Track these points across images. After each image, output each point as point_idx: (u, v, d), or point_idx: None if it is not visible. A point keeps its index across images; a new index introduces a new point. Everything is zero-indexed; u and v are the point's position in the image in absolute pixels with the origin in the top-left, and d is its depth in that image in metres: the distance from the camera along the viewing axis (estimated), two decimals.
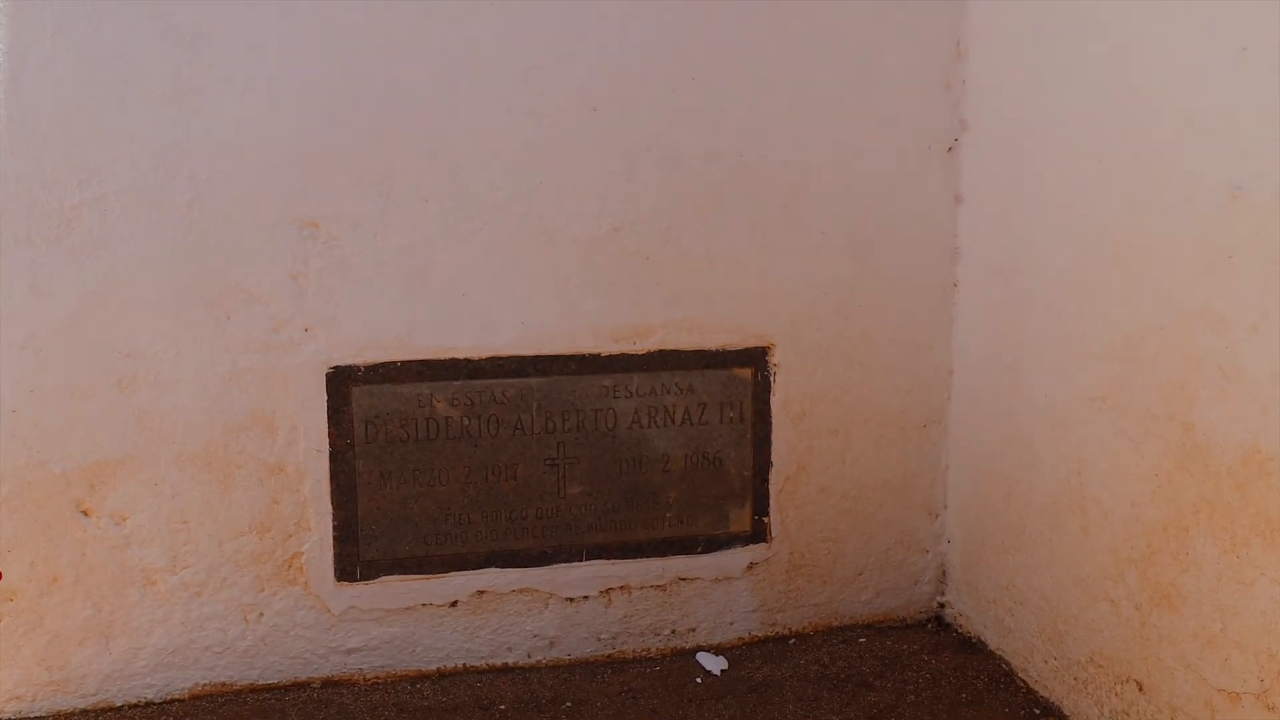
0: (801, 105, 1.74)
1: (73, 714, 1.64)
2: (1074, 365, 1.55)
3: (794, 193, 1.76)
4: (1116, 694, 1.50)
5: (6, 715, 1.62)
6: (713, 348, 1.77)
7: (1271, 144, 1.19)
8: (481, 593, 1.76)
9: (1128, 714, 1.47)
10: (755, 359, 1.79)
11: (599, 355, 1.73)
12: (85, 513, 1.61)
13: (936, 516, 1.92)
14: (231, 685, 1.70)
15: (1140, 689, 1.45)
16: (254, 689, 1.71)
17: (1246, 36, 1.22)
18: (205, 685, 1.69)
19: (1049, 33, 1.58)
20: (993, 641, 1.82)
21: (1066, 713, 1.61)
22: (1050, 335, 1.61)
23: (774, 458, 1.82)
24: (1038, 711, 1.64)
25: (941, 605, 1.96)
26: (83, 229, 1.54)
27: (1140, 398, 1.42)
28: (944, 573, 1.95)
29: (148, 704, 1.67)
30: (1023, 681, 1.72)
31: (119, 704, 1.67)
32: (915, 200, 1.81)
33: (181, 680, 1.68)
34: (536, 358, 1.71)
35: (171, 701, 1.68)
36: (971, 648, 1.85)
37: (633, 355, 1.75)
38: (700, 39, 1.68)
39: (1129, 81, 1.42)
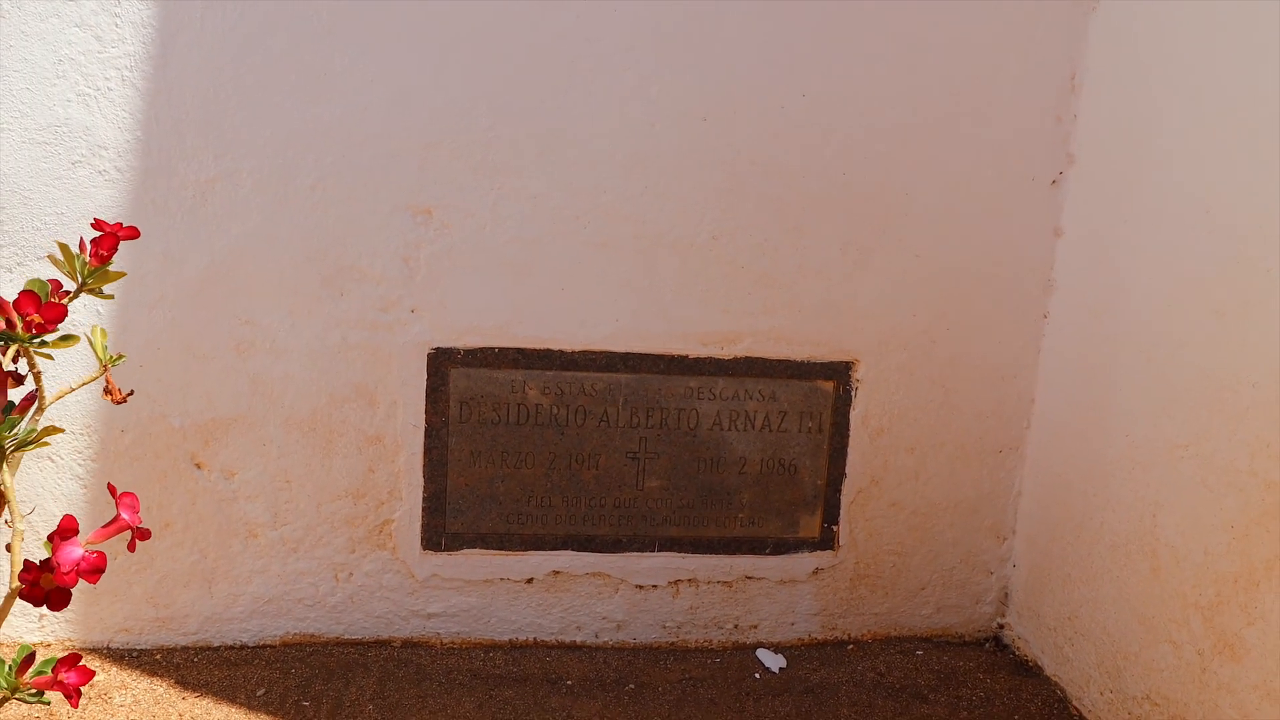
0: (908, 128, 1.76)
1: (174, 650, 1.77)
2: (1160, 409, 1.57)
3: (892, 214, 1.79)
4: None
5: (115, 645, 1.75)
6: (798, 359, 1.82)
7: None
8: (557, 573, 1.84)
9: None
10: (838, 373, 1.83)
11: (687, 357, 1.79)
12: (198, 465, 1.72)
13: (1004, 540, 1.95)
14: (319, 637, 1.81)
15: None
16: (339, 642, 1.82)
17: None
18: (295, 634, 1.80)
19: (1165, 75, 1.58)
20: (1050, 668, 1.85)
21: None
22: (1138, 377, 1.62)
23: (848, 469, 1.87)
24: None
25: (1001, 626, 1.99)
26: (215, 201, 1.64)
27: (1224, 449, 1.43)
28: (1006, 595, 1.97)
29: (242, 646, 1.80)
30: (1076, 710, 1.75)
31: (216, 644, 1.79)
32: (1014, 230, 1.82)
33: (274, 628, 1.79)
34: (627, 355, 1.78)
35: (264, 647, 1.80)
36: (1028, 671, 1.88)
37: (720, 359, 1.80)
38: (812, 58, 1.71)
39: (1237, 135, 1.42)
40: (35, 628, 1.73)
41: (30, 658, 1.04)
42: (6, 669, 1.03)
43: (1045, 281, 1.85)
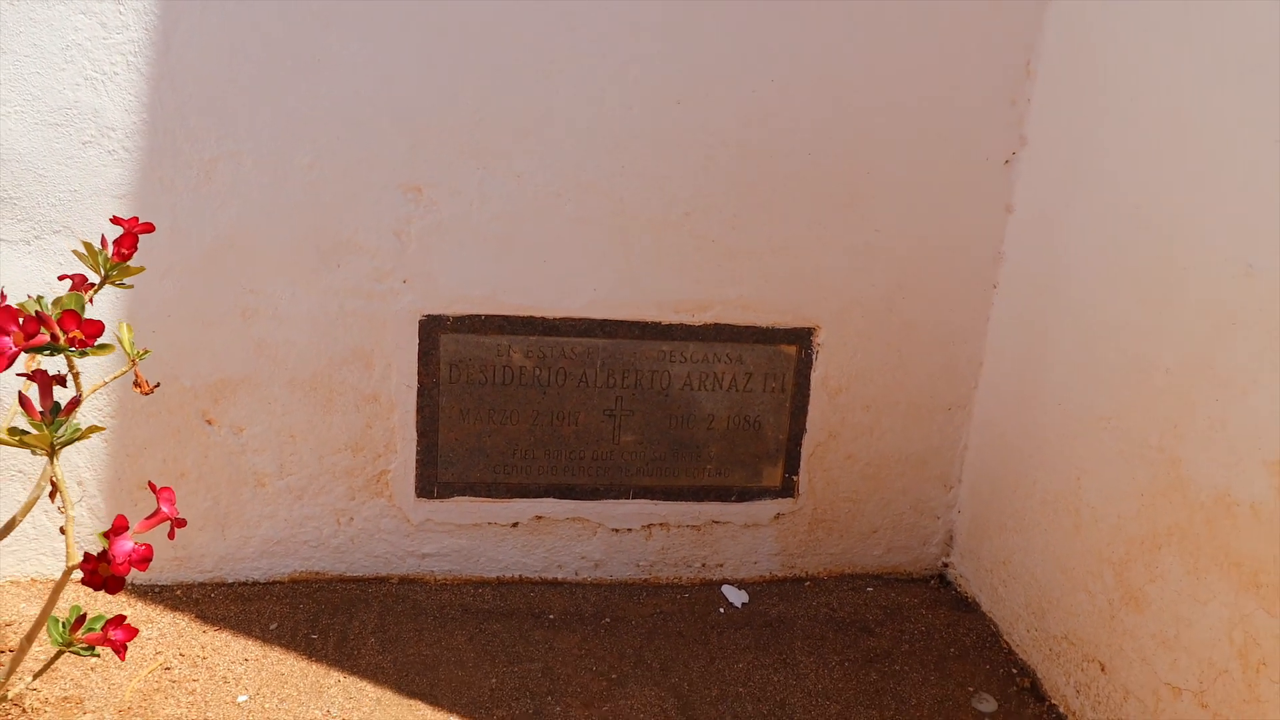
0: (871, 111, 1.86)
1: (193, 585, 1.94)
2: (1088, 383, 1.72)
3: (855, 192, 1.90)
4: (1082, 670, 1.72)
5: (139, 582, 1.92)
6: (763, 325, 1.96)
7: (1279, 227, 1.32)
8: (539, 518, 2.02)
9: (1089, 688, 1.70)
10: (801, 338, 1.97)
11: (660, 324, 1.93)
12: (209, 422, 1.87)
13: (951, 489, 2.13)
14: (323, 574, 1.99)
15: (1102, 669, 1.67)
16: (342, 579, 2.00)
17: (1276, 130, 1.33)
18: (302, 572, 1.98)
19: (1110, 70, 1.68)
20: (985, 604, 2.05)
21: (1040, 677, 1.84)
22: (1073, 349, 1.77)
23: (808, 425, 2.03)
24: (1015, 672, 1.88)
25: (945, 565, 2.18)
26: (219, 179, 1.74)
27: (1139, 425, 1.59)
28: (951, 538, 2.16)
29: (254, 583, 1.98)
30: (1006, 644, 1.95)
31: (230, 581, 1.97)
32: (968, 206, 1.94)
33: (282, 566, 1.97)
34: (604, 321, 1.91)
35: (273, 583, 1.98)
36: (966, 606, 2.08)
37: (691, 326, 1.94)
38: (781, 45, 1.80)
39: (1166, 138, 1.53)
40: (64, 566, 1.90)
41: (82, 618, 1.20)
42: (61, 626, 1.19)
43: (996, 254, 1.98)
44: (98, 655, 1.29)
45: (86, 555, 1.04)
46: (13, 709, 1.61)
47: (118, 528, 1.04)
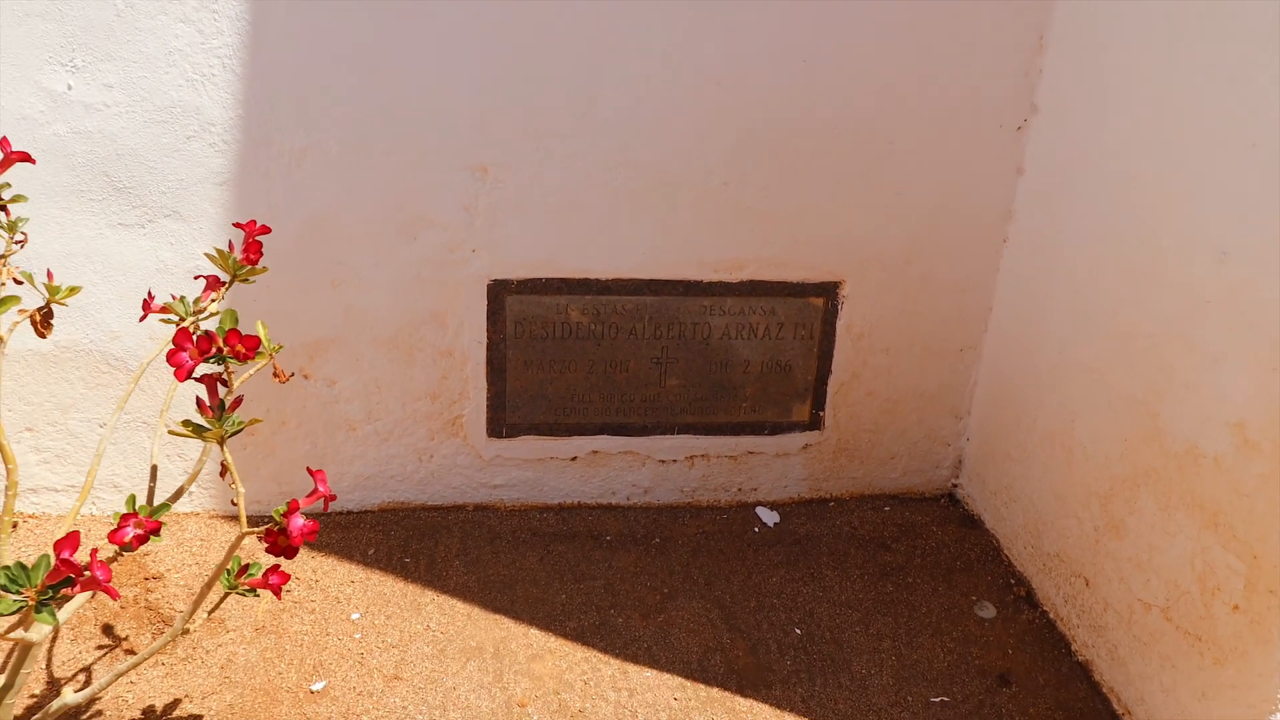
0: (893, 85, 2.03)
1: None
2: (1083, 337, 1.94)
3: (876, 160, 2.09)
4: (1070, 583, 2.00)
5: (251, 513, 2.21)
6: (794, 280, 2.17)
7: (1249, 220, 1.52)
8: (595, 452, 2.28)
9: (1075, 599, 1.98)
10: (827, 291, 2.19)
11: (701, 281, 2.14)
12: (305, 376, 2.11)
13: (961, 419, 2.37)
14: (408, 504, 2.28)
15: (1086, 584, 1.95)
16: (424, 508, 2.29)
17: (1253, 134, 1.52)
18: (390, 503, 2.26)
19: (1114, 47, 1.84)
20: (989, 522, 2.32)
21: (1034, 588, 2.13)
22: (1070, 305, 1.99)
23: (834, 367, 2.26)
24: (1013, 582, 2.16)
25: (954, 486, 2.45)
26: (308, 166, 1.94)
27: (1125, 381, 1.82)
28: (960, 462, 2.42)
29: (348, 512, 2.26)
30: (1005, 558, 2.23)
31: (329, 511, 2.25)
32: (982, 169, 2.12)
33: (373, 498, 2.25)
34: (651, 281, 2.13)
35: (365, 512, 2.27)
36: (972, 523, 2.36)
37: (728, 283, 2.15)
38: (810, 29, 1.96)
39: (1156, 125, 1.71)
40: (185, 502, 2.19)
41: (245, 567, 1.48)
42: (228, 575, 1.47)
43: (1007, 212, 2.17)
44: (259, 595, 1.57)
45: (269, 531, 1.31)
46: (166, 623, 1.91)
47: (292, 509, 1.30)
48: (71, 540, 1.14)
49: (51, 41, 1.78)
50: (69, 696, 1.55)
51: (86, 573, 1.15)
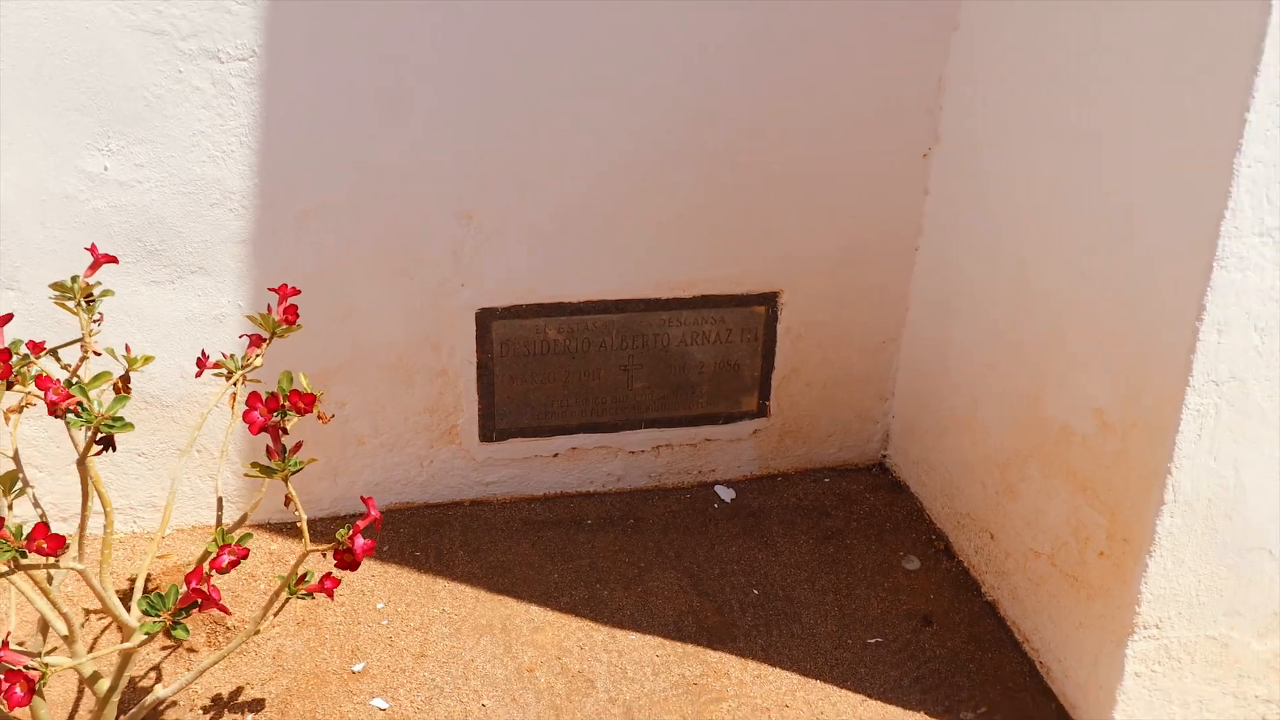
0: (822, 124, 2.37)
1: (315, 520, 2.54)
2: (979, 335, 2.33)
3: (807, 188, 2.44)
4: (978, 537, 2.41)
5: (274, 521, 2.52)
6: (739, 293, 2.52)
7: (1095, 247, 1.90)
8: (574, 449, 2.62)
9: (983, 550, 2.39)
10: (768, 300, 2.55)
11: (660, 299, 2.48)
12: (329, 418, 2.41)
13: (886, 401, 2.76)
14: (412, 504, 2.60)
15: (991, 538, 2.35)
16: (427, 506, 2.61)
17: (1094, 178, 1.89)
18: (396, 504, 2.59)
19: (992, 87, 2.20)
20: (913, 488, 2.72)
21: (950, 542, 2.53)
22: (968, 307, 2.37)
23: (776, 364, 2.63)
24: (933, 538, 2.57)
25: (884, 457, 2.85)
26: (314, 222, 2.23)
27: (1014, 375, 2.21)
28: (887, 436, 2.82)
29: (360, 514, 2.58)
30: (927, 518, 2.64)
31: (343, 514, 2.57)
32: (896, 191, 2.49)
33: (382, 500, 2.57)
34: (617, 300, 2.46)
35: None
36: (899, 489, 2.76)
37: (683, 298, 2.50)
38: (752, 91, 2.29)
39: (1023, 148, 2.08)
40: (213, 514, 2.48)
41: (304, 577, 1.80)
42: (291, 581, 1.79)
43: (917, 227, 2.54)
44: (314, 598, 1.90)
45: (338, 550, 1.63)
46: (219, 627, 2.23)
47: (355, 531, 1.63)
48: (197, 573, 1.46)
49: (90, 130, 2.04)
50: (159, 691, 1.87)
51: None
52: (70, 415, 1.47)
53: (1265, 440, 1.79)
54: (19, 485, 1.74)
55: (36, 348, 1.71)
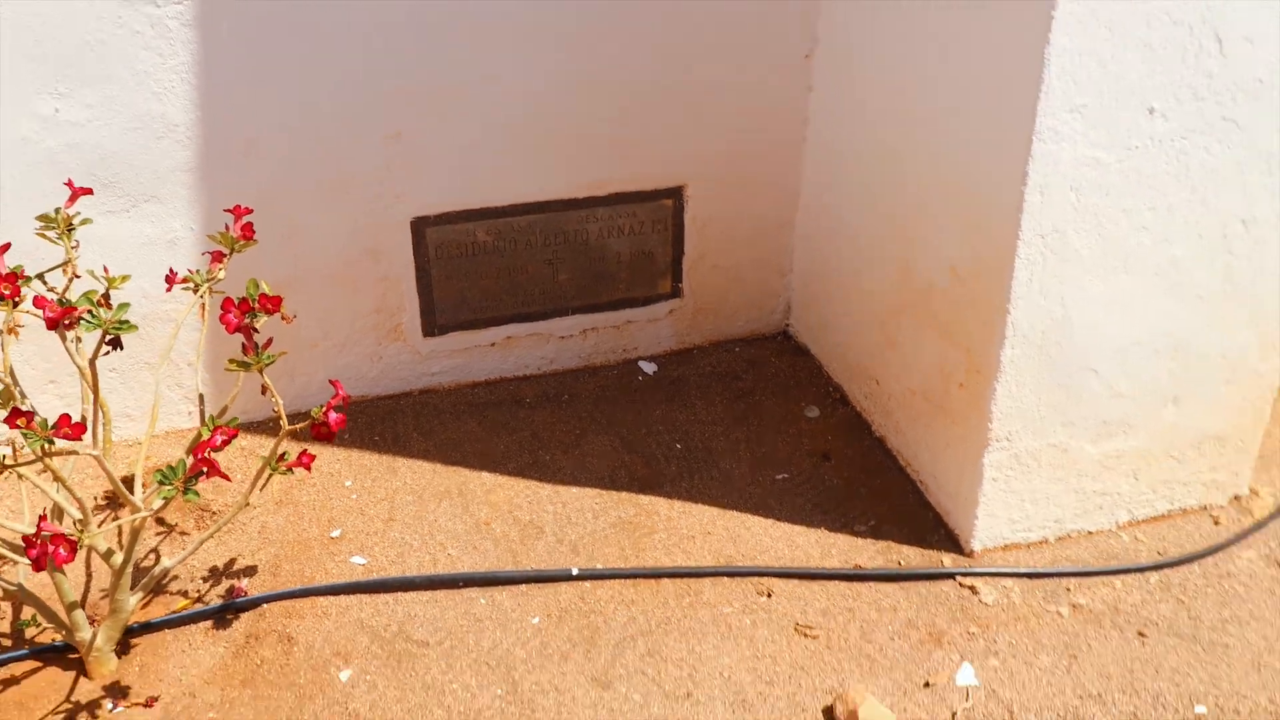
0: (714, 33, 2.63)
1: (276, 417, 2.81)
2: (859, 212, 2.66)
3: (706, 91, 2.71)
4: (867, 384, 2.78)
5: (241, 421, 2.77)
6: (649, 189, 2.81)
7: (950, 125, 2.22)
8: (509, 338, 2.92)
9: (872, 395, 2.76)
10: (675, 194, 2.84)
11: (578, 198, 2.76)
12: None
13: (785, 276, 3.10)
14: (366, 396, 2.88)
15: (878, 383, 2.73)
16: (380, 398, 2.89)
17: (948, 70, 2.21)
18: (352, 398, 2.87)
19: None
20: (813, 350, 3.08)
21: (845, 391, 2.90)
22: (849, 188, 2.69)
23: (685, 250, 2.94)
24: (831, 390, 2.94)
25: (787, 326, 3.20)
26: (259, 150, 2.45)
27: (888, 242, 2.55)
28: (789, 307, 3.16)
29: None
30: (826, 374, 3.00)
31: (303, 410, 2.83)
32: (783, 88, 2.78)
33: None
34: (539, 203, 2.74)
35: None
36: (801, 352, 3.12)
37: (598, 196, 2.78)
38: (652, 18, 2.55)
39: (884, 52, 2.39)
40: (185, 417, 2.74)
41: (283, 455, 2.08)
42: (272, 459, 2.07)
43: (804, 118, 2.84)
44: (294, 473, 2.19)
45: (314, 425, 1.92)
46: (205, 513, 2.51)
47: (329, 406, 1.92)
48: (201, 446, 1.75)
49: (40, 76, 2.22)
50: (166, 562, 2.16)
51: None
52: (83, 321, 1.72)
53: (1084, 279, 2.16)
54: (19, 398, 1.98)
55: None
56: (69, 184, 1.98)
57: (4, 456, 1.76)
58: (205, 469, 1.77)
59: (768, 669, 2.07)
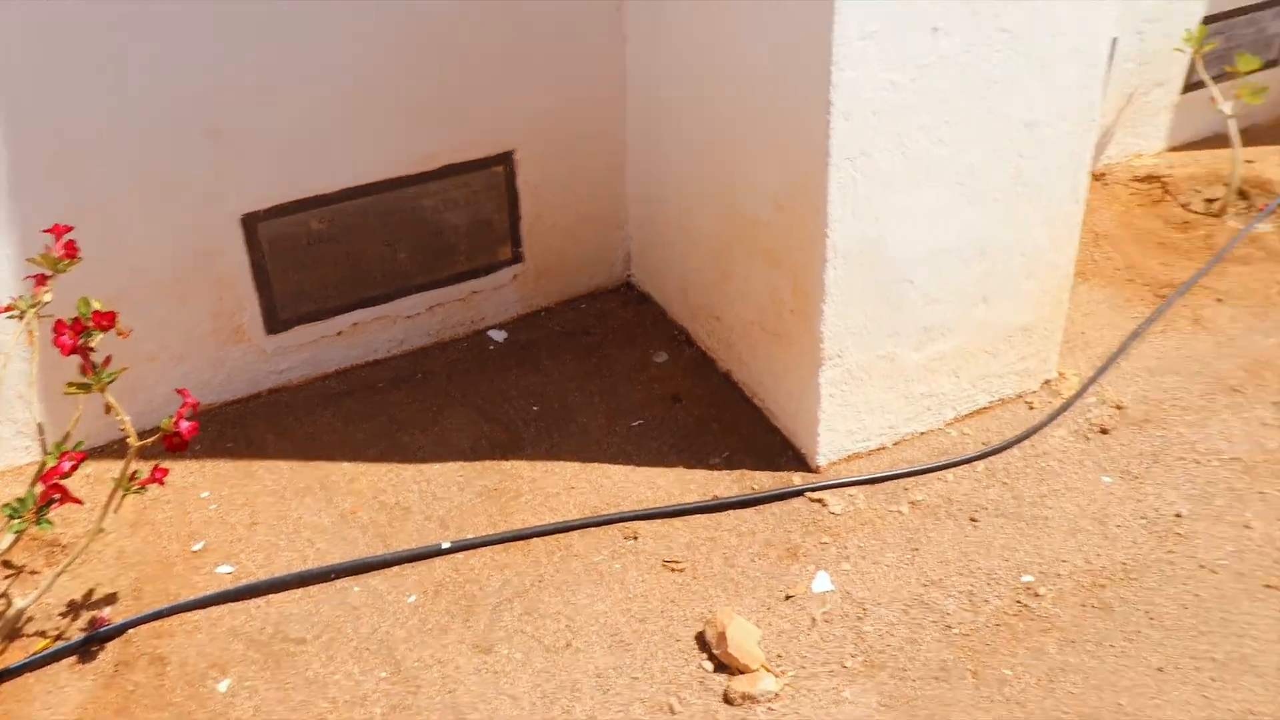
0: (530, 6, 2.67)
1: (120, 439, 2.73)
2: (685, 156, 2.74)
3: (522, 54, 2.72)
4: (709, 322, 2.88)
5: (86, 446, 2.68)
6: (478, 158, 2.82)
7: (758, 62, 2.32)
8: (355, 324, 2.90)
9: (714, 332, 2.87)
10: (505, 160, 2.86)
11: (407, 175, 2.75)
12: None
13: (622, 229, 3.17)
14: (215, 404, 2.82)
15: (718, 319, 2.83)
16: (228, 403, 2.84)
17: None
18: (200, 405, 2.81)
19: None
20: (655, 296, 3.17)
21: (690, 332, 3.00)
22: (673, 132, 2.77)
23: (522, 214, 2.97)
24: (676, 333, 3.02)
25: (629, 276, 3.27)
26: (72, 161, 2.35)
27: (715, 180, 2.65)
28: (629, 258, 3.24)
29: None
30: (670, 318, 3.09)
31: (147, 429, 2.76)
32: (598, 45, 2.81)
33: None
34: (370, 184, 2.71)
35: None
36: (644, 300, 3.20)
37: (429, 171, 2.77)
38: None
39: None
40: (22, 453, 2.64)
41: (134, 474, 2.05)
42: (124, 479, 2.03)
43: (622, 73, 2.89)
44: (148, 491, 2.15)
45: (166, 436, 1.90)
46: (55, 548, 2.43)
47: (179, 415, 1.90)
48: (50, 474, 1.71)
49: None
50: (19, 603, 2.11)
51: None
52: None
53: (893, 197, 2.29)
54: None
55: None
56: None
57: None
58: (57, 496, 1.74)
59: (640, 607, 2.17)
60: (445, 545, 2.32)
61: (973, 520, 2.33)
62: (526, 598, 2.20)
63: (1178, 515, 2.33)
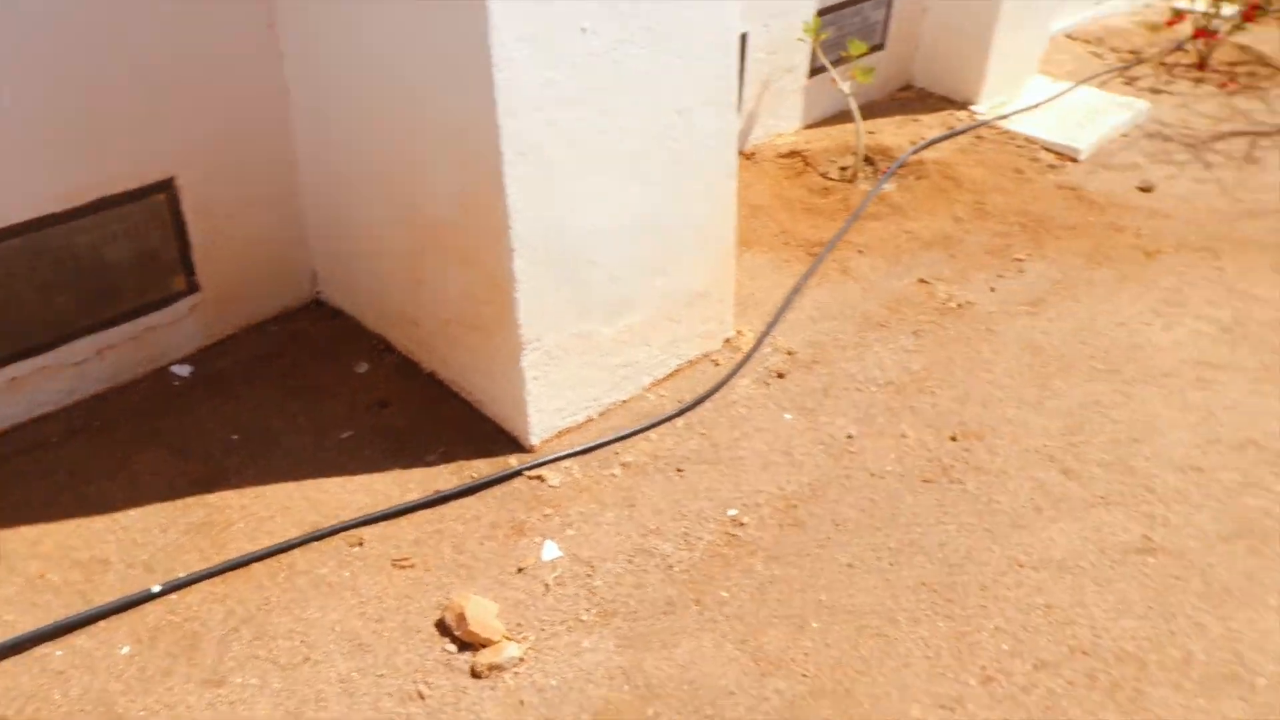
0: (171, 17, 2.52)
1: None
2: (364, 167, 2.73)
3: (176, 76, 2.59)
4: (407, 327, 2.90)
5: None
6: (135, 187, 2.64)
7: (456, 69, 2.37)
8: (14, 379, 2.63)
9: (413, 335, 2.89)
10: (165, 187, 2.71)
11: (55, 213, 2.53)
12: None
13: (303, 247, 3.10)
14: None
15: (416, 324, 2.85)
16: None
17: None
18: None
19: None
20: (348, 309, 3.14)
21: (389, 340, 3.00)
22: (346, 145, 2.76)
23: (192, 242, 2.82)
24: (375, 342, 3.01)
25: (318, 293, 3.21)
26: None
27: (397, 191, 2.67)
28: (315, 275, 3.18)
29: None
30: (368, 329, 3.07)
31: None
32: (256, 62, 2.73)
33: None
34: (11, 227, 2.46)
35: None
36: (338, 315, 3.15)
37: (80, 206, 2.56)
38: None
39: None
40: None
41: None
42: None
43: (284, 89, 2.83)
44: None
45: None
46: None
47: None
48: None
49: None
50: None
51: None
52: None
53: (567, 184, 2.43)
54: None
55: None
56: None
57: None
58: None
59: (375, 609, 2.16)
60: (155, 589, 2.18)
61: (679, 471, 2.53)
62: (254, 623, 2.12)
63: (849, 436, 2.67)
